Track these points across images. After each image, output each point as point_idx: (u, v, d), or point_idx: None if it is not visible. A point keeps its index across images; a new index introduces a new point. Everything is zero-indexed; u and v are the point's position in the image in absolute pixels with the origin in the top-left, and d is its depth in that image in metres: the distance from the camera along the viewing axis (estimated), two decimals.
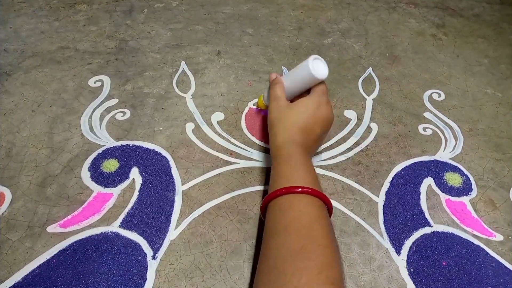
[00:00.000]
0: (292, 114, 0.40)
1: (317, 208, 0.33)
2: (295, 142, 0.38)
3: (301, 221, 0.31)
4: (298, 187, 0.33)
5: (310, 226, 0.31)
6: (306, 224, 0.31)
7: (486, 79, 0.62)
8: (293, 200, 0.33)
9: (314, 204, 0.33)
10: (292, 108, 0.41)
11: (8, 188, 0.42)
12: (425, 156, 0.49)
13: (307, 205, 0.33)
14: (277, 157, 0.38)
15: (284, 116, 0.40)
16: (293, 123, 0.39)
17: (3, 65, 0.58)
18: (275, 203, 0.34)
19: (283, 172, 0.36)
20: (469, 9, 0.80)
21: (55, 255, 0.36)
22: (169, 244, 0.38)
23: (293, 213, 0.32)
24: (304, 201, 0.33)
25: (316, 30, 0.70)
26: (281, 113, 0.41)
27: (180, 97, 0.55)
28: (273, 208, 0.34)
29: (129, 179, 0.44)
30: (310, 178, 0.35)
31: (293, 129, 0.39)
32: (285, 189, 0.33)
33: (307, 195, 0.33)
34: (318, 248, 0.29)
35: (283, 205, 0.33)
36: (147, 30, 0.67)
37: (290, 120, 0.40)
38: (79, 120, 0.50)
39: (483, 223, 0.42)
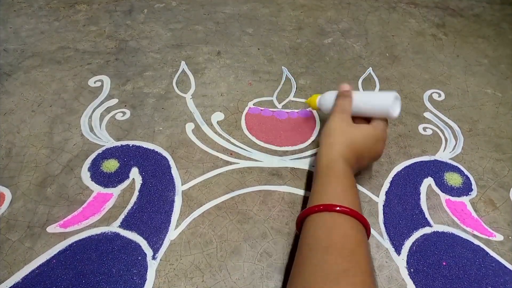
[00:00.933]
0: (353, 133, 0.39)
1: (361, 233, 0.32)
2: (347, 161, 0.37)
3: (346, 244, 0.30)
4: (347, 208, 0.32)
5: (354, 250, 0.30)
6: (351, 248, 0.30)
7: (486, 79, 0.62)
8: (338, 220, 0.32)
9: (358, 227, 0.32)
10: (356, 128, 0.40)
11: (8, 188, 0.42)
12: (425, 156, 0.49)
13: (352, 229, 0.32)
14: (327, 169, 0.37)
15: (347, 132, 0.39)
16: (351, 141, 0.39)
17: (3, 65, 0.58)
18: (318, 217, 0.33)
19: (331, 187, 0.35)
20: (469, 9, 0.80)
21: (55, 255, 0.36)
22: (169, 244, 0.38)
23: (339, 234, 0.31)
24: (349, 223, 0.32)
25: (316, 30, 0.70)
26: (345, 127, 0.40)
27: (180, 97, 0.55)
28: (315, 223, 0.33)
29: (129, 179, 0.44)
30: (356, 200, 0.35)
31: (350, 148, 0.38)
32: (331, 206, 0.32)
33: (353, 218, 0.32)
34: (362, 274, 0.28)
35: (327, 223, 0.32)
36: (147, 30, 0.67)
37: (349, 138, 0.39)
38: (79, 120, 0.50)
39: (483, 223, 0.42)
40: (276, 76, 0.59)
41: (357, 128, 0.40)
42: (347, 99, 0.42)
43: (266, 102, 0.55)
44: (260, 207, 0.42)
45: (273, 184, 0.44)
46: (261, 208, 0.41)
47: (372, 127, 0.40)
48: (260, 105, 0.54)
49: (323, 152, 0.39)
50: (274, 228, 0.40)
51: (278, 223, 0.40)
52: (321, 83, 0.59)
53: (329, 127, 0.40)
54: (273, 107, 0.54)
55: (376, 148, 0.40)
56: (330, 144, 0.39)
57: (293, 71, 0.60)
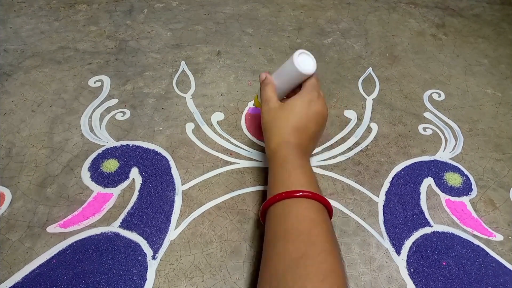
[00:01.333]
0: (283, 115, 0.39)
1: (317, 212, 0.32)
2: (289, 144, 0.37)
3: (301, 227, 0.30)
4: (295, 191, 0.32)
5: (310, 232, 0.30)
6: (306, 230, 0.30)
7: (486, 79, 0.62)
8: (291, 205, 0.32)
9: (313, 207, 0.32)
10: (283, 108, 0.39)
11: (8, 188, 0.42)
12: (425, 156, 0.49)
13: (305, 210, 0.32)
14: (272, 160, 0.37)
15: (276, 118, 0.39)
16: (285, 124, 0.38)
17: (3, 65, 0.58)
18: (274, 209, 0.33)
19: (279, 176, 0.35)
20: (469, 9, 0.80)
21: (55, 255, 0.36)
22: (169, 244, 0.38)
23: (292, 219, 0.31)
24: (302, 206, 0.32)
25: (316, 30, 0.70)
26: (273, 115, 0.40)
27: (180, 97, 0.55)
28: (271, 215, 0.33)
29: (129, 179, 0.44)
30: (307, 180, 0.34)
31: (286, 130, 0.38)
32: (284, 194, 0.32)
33: (306, 198, 0.32)
34: (320, 254, 0.28)
35: (281, 211, 0.32)
36: (147, 30, 0.67)
37: (282, 122, 0.39)
38: (79, 120, 0.50)
39: (483, 223, 0.42)
40: None
41: (285, 107, 0.39)
42: (267, 87, 0.42)
43: None
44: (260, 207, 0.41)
45: None
46: None
47: (298, 95, 0.40)
48: None
49: (265, 147, 0.40)
50: None
51: None
52: (321, 83, 0.58)
53: (262, 122, 0.41)
54: None
55: (313, 109, 0.39)
56: (268, 138, 0.39)
57: None
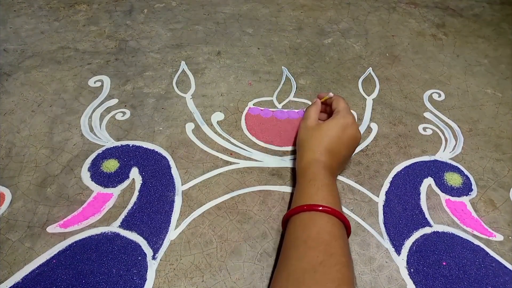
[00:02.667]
0: (317, 135, 0.41)
1: (337, 227, 0.34)
2: (320, 163, 0.39)
3: (322, 237, 0.32)
4: (320, 205, 0.34)
5: (330, 243, 0.32)
6: (326, 241, 0.32)
7: (486, 79, 0.62)
8: (314, 217, 0.34)
9: (334, 223, 0.34)
10: (319, 129, 0.42)
11: (8, 188, 0.42)
12: (425, 156, 0.49)
13: (327, 223, 0.34)
14: (302, 176, 0.39)
15: (311, 137, 0.42)
16: (319, 144, 0.41)
17: (3, 65, 0.58)
18: (297, 218, 0.35)
19: (307, 191, 0.37)
20: (469, 9, 0.80)
21: (55, 255, 0.36)
22: (169, 244, 0.38)
23: (315, 229, 0.33)
24: (324, 219, 0.34)
25: (316, 30, 0.70)
26: (308, 133, 0.42)
27: (180, 97, 0.55)
28: (294, 222, 0.35)
29: (129, 179, 0.44)
30: (332, 198, 0.36)
31: (319, 150, 0.40)
32: (307, 206, 0.35)
33: (328, 214, 0.34)
34: (337, 265, 0.30)
35: (305, 220, 0.34)
36: (147, 30, 0.67)
37: (316, 141, 0.41)
38: (79, 120, 0.50)
39: (483, 223, 0.42)
40: (276, 76, 0.59)
41: (320, 128, 0.42)
42: (312, 106, 0.45)
43: (266, 102, 0.55)
44: (260, 207, 0.42)
45: (273, 184, 0.44)
46: (261, 208, 0.41)
47: (333, 118, 0.42)
48: (260, 105, 0.54)
49: (297, 162, 0.42)
50: (274, 228, 0.40)
51: (278, 223, 0.40)
52: (321, 83, 0.59)
53: (298, 139, 0.44)
54: (273, 107, 0.54)
55: (346, 134, 0.41)
56: (301, 155, 0.42)
57: (293, 71, 0.60)
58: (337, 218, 0.35)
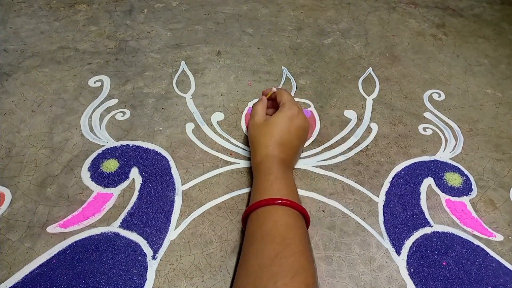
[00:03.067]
0: (267, 130, 0.42)
1: (293, 218, 0.35)
2: (273, 157, 0.40)
3: (278, 230, 0.33)
4: (276, 199, 0.35)
5: (285, 235, 0.32)
6: (282, 233, 0.33)
7: (486, 79, 0.62)
8: (271, 211, 0.35)
9: (290, 214, 0.35)
10: (267, 124, 0.43)
11: (8, 189, 0.42)
12: (425, 156, 0.49)
13: (283, 215, 0.34)
14: (257, 171, 0.40)
15: (260, 133, 0.42)
16: (269, 139, 0.41)
17: (3, 65, 0.58)
18: (255, 214, 0.36)
19: (262, 186, 0.37)
20: (469, 9, 0.80)
21: (55, 255, 0.36)
22: (169, 244, 0.38)
23: (270, 223, 0.34)
24: (280, 212, 0.35)
25: (316, 30, 0.70)
26: (258, 130, 0.43)
27: (180, 97, 0.55)
28: (252, 219, 0.36)
29: (129, 179, 0.44)
30: (288, 190, 0.37)
31: (270, 144, 0.41)
32: (264, 201, 0.35)
33: (285, 206, 0.35)
34: (293, 255, 0.31)
35: (261, 216, 0.35)
36: (147, 30, 0.67)
37: (266, 136, 0.42)
38: (79, 120, 0.50)
39: (483, 223, 0.42)
40: (276, 76, 0.59)
41: (268, 122, 0.43)
42: (258, 103, 0.46)
43: None
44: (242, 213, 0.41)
45: None
46: None
47: (280, 111, 0.43)
48: None
49: (251, 160, 0.43)
50: None
51: None
52: (321, 83, 0.59)
53: (249, 137, 0.45)
54: None
55: (294, 125, 0.42)
56: (254, 151, 0.42)
57: (293, 71, 0.60)
58: (294, 209, 0.35)
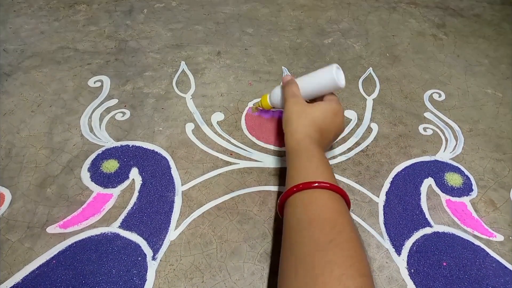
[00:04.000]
0: (311, 112, 0.40)
1: (340, 203, 0.33)
2: (313, 139, 0.38)
3: (327, 215, 0.31)
4: (321, 182, 0.33)
5: (336, 220, 0.30)
6: (332, 218, 0.31)
7: (486, 79, 0.62)
8: (315, 195, 0.33)
9: (336, 199, 0.33)
10: (313, 106, 0.41)
11: (8, 189, 0.42)
12: (425, 156, 0.48)
13: (329, 200, 0.32)
14: (296, 151, 0.37)
15: (304, 112, 0.40)
16: (312, 120, 0.39)
17: (3, 65, 0.58)
18: (296, 198, 0.33)
19: (303, 167, 0.35)
20: (469, 9, 0.80)
21: (55, 255, 0.36)
22: (169, 244, 0.38)
23: (317, 208, 0.32)
24: (325, 196, 0.33)
25: (316, 30, 0.70)
26: (301, 109, 0.40)
27: (180, 97, 0.55)
28: (294, 203, 0.33)
29: (129, 179, 0.44)
30: (330, 174, 0.35)
31: (312, 126, 0.39)
32: (307, 184, 0.33)
33: (328, 190, 0.33)
34: (348, 241, 0.29)
35: (305, 200, 0.33)
36: (147, 30, 0.67)
37: (309, 117, 0.40)
38: (78, 121, 0.50)
39: (484, 223, 0.42)
40: (276, 76, 0.59)
41: (314, 106, 0.41)
42: (294, 85, 0.43)
43: None
44: (260, 208, 0.41)
45: (273, 185, 0.44)
46: (261, 208, 0.41)
47: (327, 103, 0.41)
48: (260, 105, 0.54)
49: (288, 137, 0.40)
50: (274, 229, 0.40)
51: (278, 224, 0.40)
52: None
53: (287, 115, 0.41)
54: None
55: (337, 120, 0.41)
56: (293, 130, 0.39)
57: (293, 71, 0.60)
58: (339, 195, 0.34)
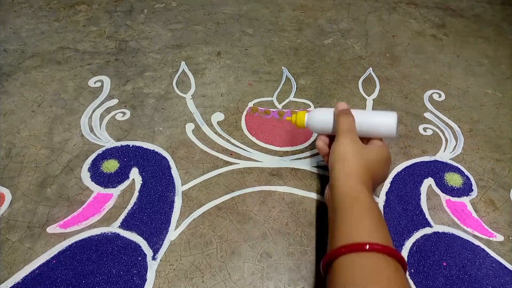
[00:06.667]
0: (368, 154, 0.36)
1: (396, 271, 0.28)
2: (368, 187, 0.34)
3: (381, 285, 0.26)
4: (374, 244, 0.28)
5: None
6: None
7: (486, 79, 0.62)
8: (378, 262, 0.28)
9: (400, 270, 0.28)
10: (370, 149, 0.37)
11: (8, 189, 0.42)
12: (425, 156, 0.48)
13: (396, 272, 0.27)
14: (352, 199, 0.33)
15: (361, 154, 0.36)
16: (367, 164, 0.35)
17: (3, 66, 0.58)
18: (352, 259, 0.28)
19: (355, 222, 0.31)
20: (469, 9, 0.80)
21: (55, 255, 0.36)
22: (169, 244, 0.38)
23: (382, 280, 0.27)
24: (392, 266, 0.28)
25: (316, 30, 0.70)
26: (358, 149, 0.36)
27: (180, 97, 0.55)
28: (349, 267, 0.28)
29: (129, 179, 0.44)
30: (385, 233, 0.30)
31: (368, 172, 0.35)
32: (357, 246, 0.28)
33: (392, 258, 0.28)
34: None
35: (366, 265, 0.28)
36: (147, 30, 0.67)
37: (365, 160, 0.35)
38: (79, 121, 0.50)
39: (484, 223, 0.42)
40: (276, 77, 0.59)
41: (371, 150, 0.37)
42: (350, 117, 0.38)
43: (266, 102, 0.55)
44: (260, 208, 0.41)
45: (273, 185, 0.44)
46: (261, 208, 0.41)
47: (381, 148, 0.37)
48: (260, 105, 0.54)
49: (340, 180, 0.34)
50: (274, 229, 0.40)
51: (278, 224, 0.40)
52: (321, 83, 0.59)
53: (341, 151, 0.36)
54: (273, 107, 0.54)
55: (386, 168, 0.38)
56: (348, 170, 0.35)
57: (293, 72, 0.60)
58: (394, 258, 0.28)
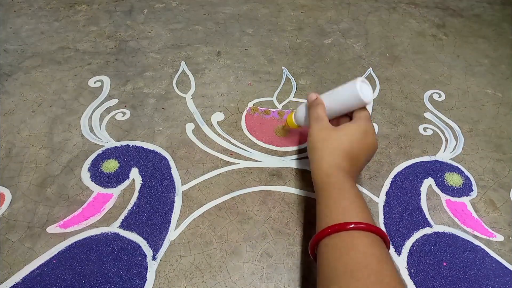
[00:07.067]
0: (337, 137, 0.36)
1: (381, 247, 0.29)
2: (343, 169, 0.35)
3: (370, 264, 0.27)
4: (358, 223, 0.29)
5: (380, 271, 0.27)
6: (375, 268, 0.27)
7: (486, 79, 0.62)
8: (353, 239, 0.29)
9: (376, 242, 0.29)
10: (338, 131, 0.37)
11: (8, 189, 0.42)
12: (425, 156, 0.48)
13: (370, 245, 0.29)
14: (325, 186, 0.34)
15: (329, 139, 0.36)
16: (338, 147, 0.36)
17: (3, 66, 0.58)
18: (330, 241, 0.30)
19: (335, 205, 0.32)
20: (469, 9, 0.80)
21: (55, 255, 0.36)
22: (169, 244, 0.38)
23: (358, 255, 0.28)
24: (368, 240, 0.29)
25: (316, 30, 0.70)
26: (325, 135, 0.37)
27: (180, 97, 0.55)
28: (327, 248, 0.30)
29: (129, 179, 0.44)
30: (366, 212, 0.31)
31: (340, 154, 0.35)
32: (341, 225, 0.29)
33: (370, 232, 0.29)
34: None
35: (343, 244, 0.29)
36: (147, 30, 0.67)
37: (334, 144, 0.36)
38: (79, 121, 0.50)
39: (484, 223, 0.42)
40: (276, 77, 0.59)
41: (340, 130, 0.37)
42: (319, 106, 0.39)
43: (266, 102, 0.55)
44: (260, 208, 0.42)
45: (273, 185, 0.44)
46: (261, 208, 0.41)
47: (354, 123, 0.38)
48: (260, 105, 0.54)
49: (314, 168, 0.36)
50: (274, 229, 0.40)
51: (278, 224, 0.40)
52: (321, 83, 0.59)
53: (311, 141, 0.38)
54: (273, 107, 0.54)
55: (367, 141, 0.37)
56: (319, 159, 0.36)
57: (293, 72, 0.60)
58: (379, 236, 0.30)
